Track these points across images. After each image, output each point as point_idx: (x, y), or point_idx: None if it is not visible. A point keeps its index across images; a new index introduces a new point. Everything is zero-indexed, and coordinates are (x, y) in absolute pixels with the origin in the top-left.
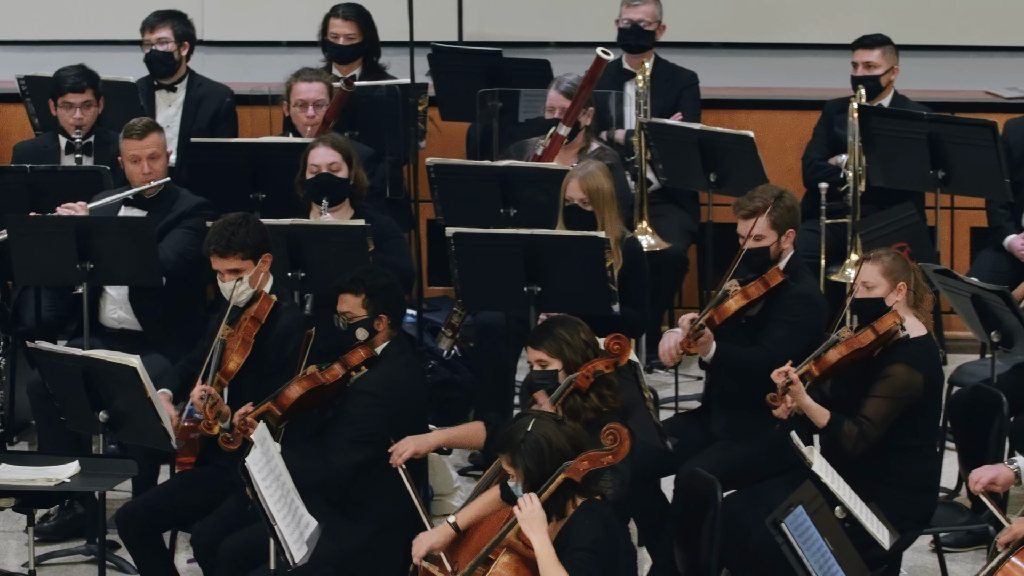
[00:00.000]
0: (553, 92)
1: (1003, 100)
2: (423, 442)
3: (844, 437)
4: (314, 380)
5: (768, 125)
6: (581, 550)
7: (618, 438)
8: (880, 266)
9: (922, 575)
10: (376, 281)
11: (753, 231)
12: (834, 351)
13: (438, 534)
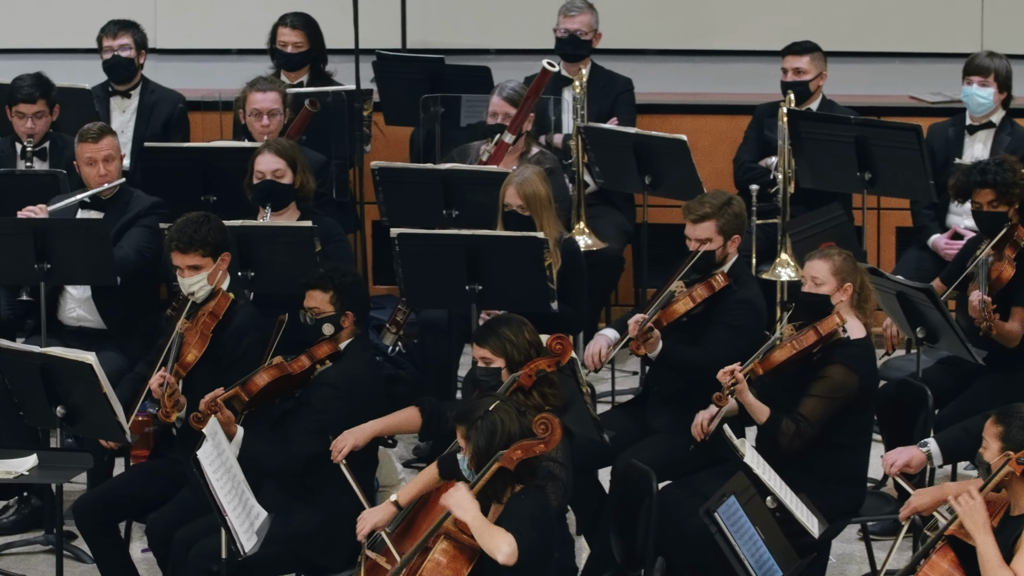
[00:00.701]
0: (495, 98)
1: (927, 104)
2: (360, 434)
3: (781, 434)
4: (281, 369)
5: (701, 129)
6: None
7: (549, 427)
8: (831, 264)
9: (850, 562)
10: (344, 279)
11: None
12: (779, 351)
13: (381, 511)
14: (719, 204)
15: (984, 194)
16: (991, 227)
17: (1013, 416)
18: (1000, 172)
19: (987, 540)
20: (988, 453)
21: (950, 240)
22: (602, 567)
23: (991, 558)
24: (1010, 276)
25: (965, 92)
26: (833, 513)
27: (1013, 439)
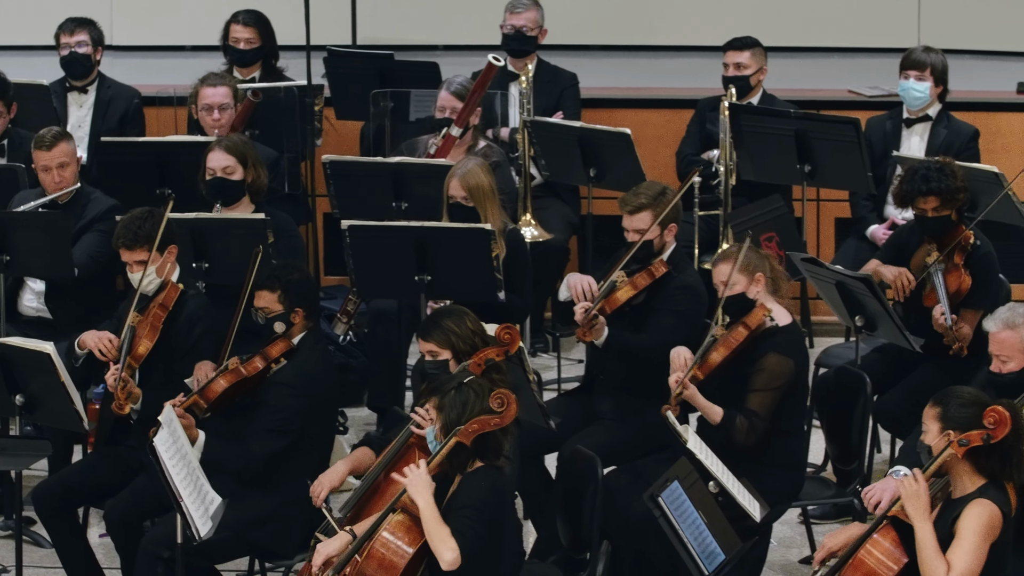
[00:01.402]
0: (444, 93)
1: (866, 98)
2: (335, 475)
3: (737, 431)
4: (237, 374)
5: (644, 123)
6: (467, 507)
7: (505, 402)
8: (733, 263)
9: (791, 545)
10: (290, 277)
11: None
12: (715, 353)
13: (337, 542)
14: (654, 194)
15: (928, 201)
16: (937, 232)
17: (950, 397)
18: (943, 179)
19: (925, 527)
20: (928, 436)
21: (888, 231)
22: (549, 551)
23: (928, 546)
24: (969, 286)
25: (902, 86)
26: (774, 497)
27: (952, 418)
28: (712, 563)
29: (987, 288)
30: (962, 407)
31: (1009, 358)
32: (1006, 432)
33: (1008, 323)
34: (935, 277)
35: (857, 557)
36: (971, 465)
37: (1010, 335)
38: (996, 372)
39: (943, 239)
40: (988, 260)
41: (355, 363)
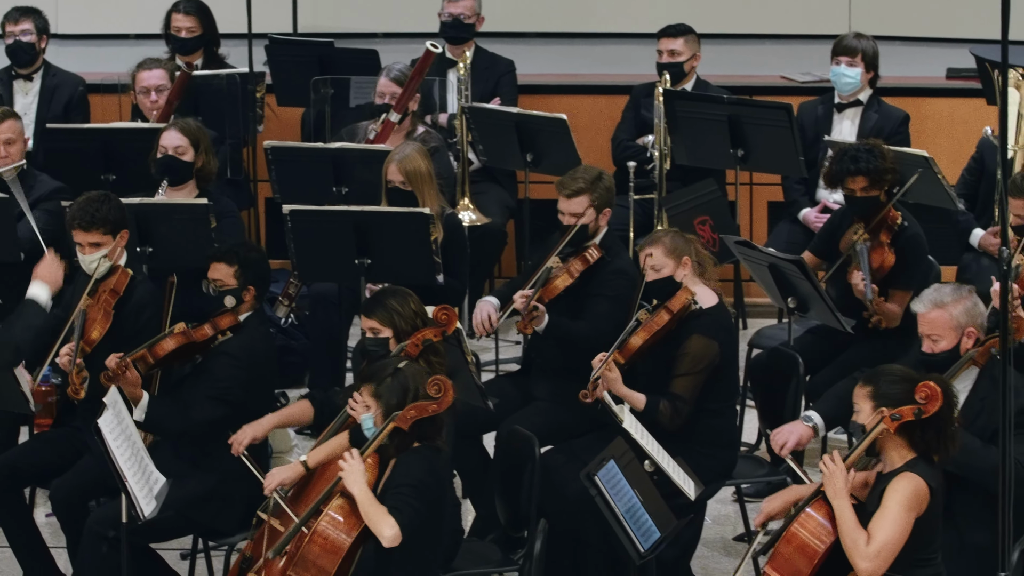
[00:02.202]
0: (383, 79)
1: (798, 84)
2: (259, 427)
3: (661, 416)
4: (187, 336)
5: (580, 108)
6: (404, 486)
7: (443, 388)
8: (661, 247)
9: (725, 523)
10: (249, 255)
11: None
12: (636, 336)
13: (290, 470)
14: (591, 179)
15: (857, 181)
16: (865, 212)
17: (879, 375)
18: (872, 159)
19: (843, 504)
20: (861, 416)
21: (819, 214)
22: (487, 529)
23: (847, 521)
24: (892, 263)
25: (833, 72)
26: (708, 476)
27: (883, 396)
28: (647, 540)
29: (915, 269)
30: (893, 384)
31: (940, 337)
32: (938, 407)
33: (936, 303)
34: (860, 254)
35: (790, 530)
36: (903, 440)
37: (939, 314)
38: (928, 352)
39: (871, 219)
40: (916, 241)
41: (296, 345)
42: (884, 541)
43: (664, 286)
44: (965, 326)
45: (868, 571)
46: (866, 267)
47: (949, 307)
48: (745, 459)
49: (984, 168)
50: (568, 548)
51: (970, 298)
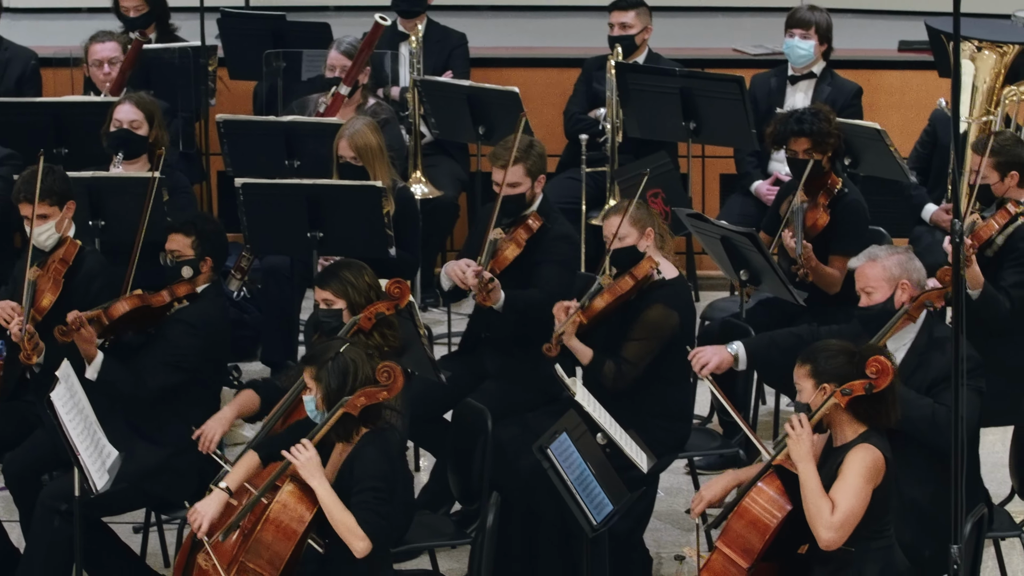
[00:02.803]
0: (334, 52)
1: (749, 56)
2: (224, 421)
3: (604, 376)
4: (143, 300)
5: (532, 82)
6: (367, 490)
7: (392, 375)
8: (627, 217)
9: (677, 495)
10: (207, 226)
11: (510, 179)
12: (599, 299)
13: (214, 503)
14: (524, 147)
15: (800, 142)
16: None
17: (816, 352)
18: (816, 122)
19: (809, 468)
20: (804, 395)
21: (771, 186)
22: (440, 502)
23: (812, 487)
24: (825, 223)
25: (787, 44)
26: (660, 448)
27: (823, 372)
28: (600, 513)
29: (852, 235)
30: (831, 359)
31: (874, 289)
32: (888, 381)
33: (870, 255)
34: (796, 214)
35: (742, 505)
36: (851, 414)
37: (872, 266)
38: (864, 307)
39: (811, 182)
40: (854, 207)
41: (248, 318)
42: (847, 511)
43: (627, 255)
44: (898, 278)
45: (830, 540)
46: (799, 224)
47: (882, 260)
48: (698, 432)
49: (937, 141)
50: (521, 522)
51: (905, 254)
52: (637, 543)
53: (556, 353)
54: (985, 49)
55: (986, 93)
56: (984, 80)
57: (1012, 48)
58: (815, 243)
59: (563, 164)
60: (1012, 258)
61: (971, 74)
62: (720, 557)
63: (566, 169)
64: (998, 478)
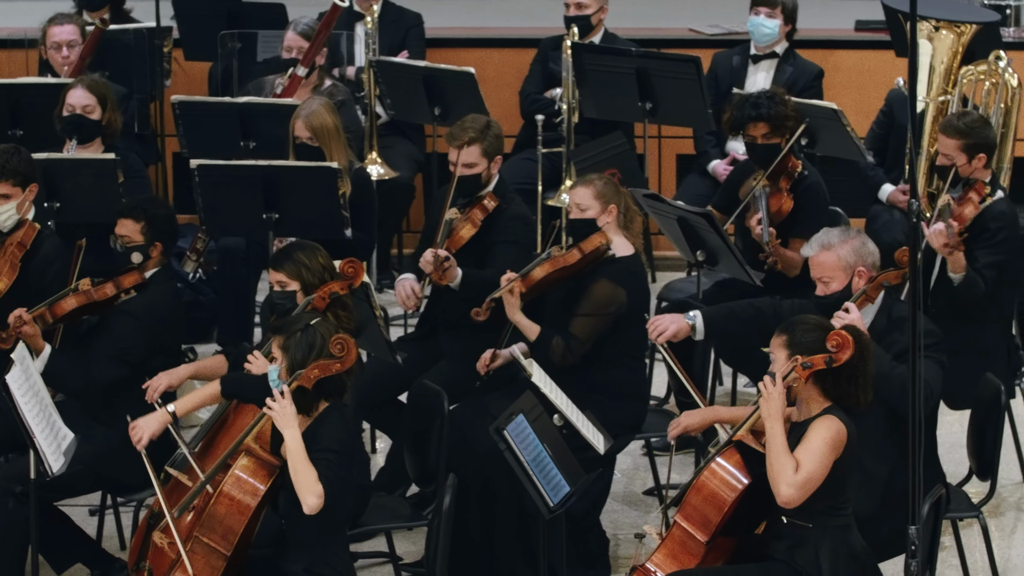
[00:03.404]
0: (290, 33)
1: (706, 36)
2: (175, 375)
3: (552, 352)
4: (88, 296)
5: (488, 62)
6: (328, 451)
7: (345, 347)
8: (592, 189)
9: (634, 476)
10: (156, 211)
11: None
12: (539, 268)
13: (155, 421)
14: (480, 128)
15: (758, 127)
16: (765, 159)
17: (795, 324)
18: (772, 106)
19: (777, 427)
20: (777, 365)
21: (728, 166)
22: (396, 484)
23: (777, 442)
24: (790, 208)
25: (752, 22)
26: (617, 429)
27: (798, 344)
28: (557, 495)
29: (814, 218)
30: (807, 332)
31: (831, 278)
32: (849, 355)
33: (824, 244)
34: (759, 199)
35: (700, 479)
36: (817, 389)
37: (827, 255)
38: (821, 295)
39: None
40: (815, 190)
41: (204, 300)
42: (810, 472)
43: (583, 227)
44: (854, 265)
45: (789, 497)
46: (764, 211)
47: (836, 248)
48: (654, 413)
49: (893, 121)
50: (477, 503)
51: (858, 238)
52: (594, 524)
53: (484, 318)
54: (943, 29)
55: (944, 73)
56: (942, 60)
57: (969, 28)
58: (778, 228)
59: (519, 145)
60: (984, 239)
61: (929, 54)
62: (679, 531)
63: (522, 150)
64: (956, 459)
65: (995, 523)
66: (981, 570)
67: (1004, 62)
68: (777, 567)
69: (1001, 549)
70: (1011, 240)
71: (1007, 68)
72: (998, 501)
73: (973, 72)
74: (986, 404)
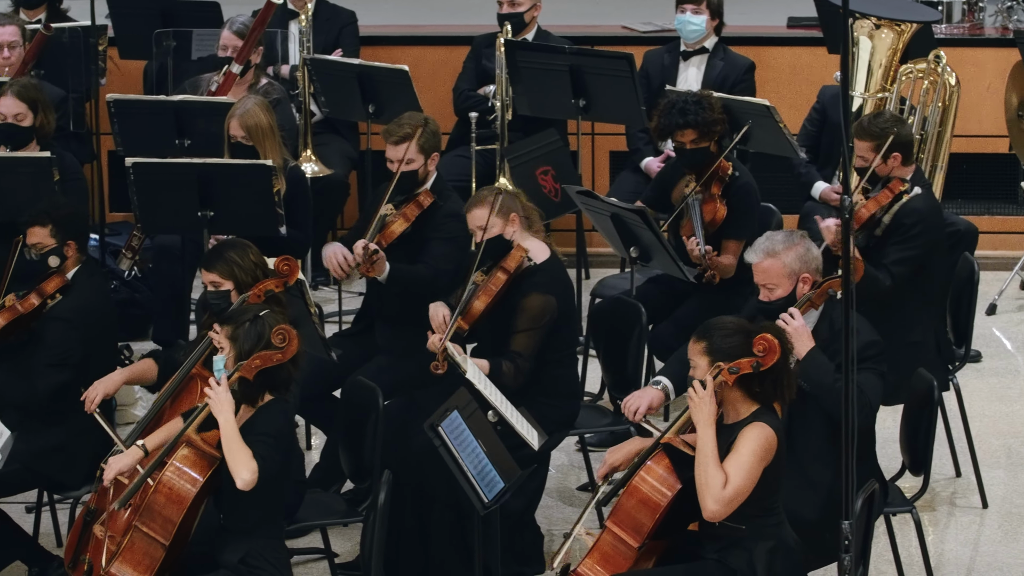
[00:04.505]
0: (225, 32)
1: (639, 34)
2: (110, 383)
3: (505, 377)
4: (14, 311)
5: (422, 60)
6: (266, 435)
7: (287, 338)
8: (487, 207)
9: (569, 472)
10: (60, 211)
11: (405, 156)
12: (477, 301)
13: (128, 457)
14: (417, 124)
15: (686, 134)
16: (696, 164)
17: (712, 330)
18: (700, 112)
19: (708, 433)
20: (698, 371)
21: (661, 163)
22: (331, 480)
23: (708, 452)
24: (724, 215)
25: (679, 20)
26: (551, 426)
27: (718, 350)
28: (492, 491)
29: (746, 219)
30: (727, 337)
31: (776, 285)
32: (775, 359)
33: (768, 251)
34: (692, 208)
35: (631, 484)
36: (742, 392)
37: (772, 262)
38: (766, 301)
39: (702, 171)
40: (746, 191)
41: (140, 297)
42: (738, 487)
43: (495, 245)
44: (799, 272)
45: (715, 512)
46: (698, 221)
47: (781, 255)
48: (588, 409)
49: (826, 118)
50: (412, 500)
51: (802, 244)
52: (529, 521)
53: (444, 370)
54: (884, 27)
55: (883, 70)
56: (881, 58)
57: (909, 26)
58: (712, 235)
59: (453, 142)
60: (897, 235)
61: (868, 51)
62: (610, 536)
63: (456, 147)
64: (889, 454)
65: (928, 517)
66: (915, 564)
67: (943, 61)
68: (709, 567)
69: (934, 543)
70: (926, 236)
71: (946, 67)
72: (931, 496)
73: (912, 71)
74: (919, 399)
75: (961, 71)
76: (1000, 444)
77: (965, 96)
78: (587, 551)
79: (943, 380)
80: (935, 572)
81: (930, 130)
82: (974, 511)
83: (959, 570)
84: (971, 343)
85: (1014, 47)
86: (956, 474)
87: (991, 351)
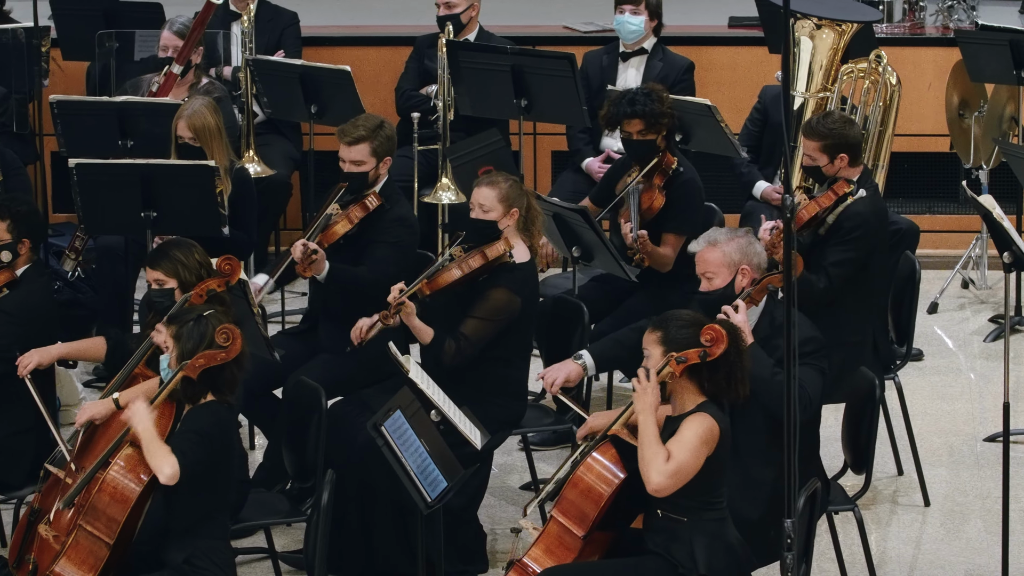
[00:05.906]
0: (166, 32)
1: (580, 34)
2: (46, 354)
3: (444, 354)
4: None
5: (364, 60)
6: (190, 431)
7: (231, 337)
8: (497, 191)
9: (512, 471)
10: (19, 208)
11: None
12: (446, 273)
13: (101, 405)
14: (372, 127)
15: (634, 124)
16: (641, 155)
17: (668, 320)
18: (648, 103)
19: (649, 420)
20: (651, 361)
21: (603, 164)
22: (274, 479)
23: (649, 433)
24: (661, 205)
25: (617, 20)
26: (495, 425)
27: (672, 340)
28: (435, 490)
29: (687, 213)
30: (681, 328)
31: (715, 275)
32: (723, 349)
33: (710, 241)
34: (632, 195)
35: (576, 475)
36: (693, 384)
37: (712, 252)
38: (704, 291)
39: (646, 163)
40: (689, 187)
41: (83, 298)
42: (681, 462)
43: (484, 227)
44: (739, 263)
45: (659, 485)
46: (635, 207)
47: (722, 245)
48: (531, 408)
49: (767, 118)
50: (356, 499)
51: (745, 238)
52: (472, 519)
53: (392, 324)
54: (825, 27)
55: (824, 70)
56: (822, 58)
57: (850, 27)
58: (650, 224)
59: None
60: (836, 237)
61: (809, 51)
62: (555, 526)
63: (398, 147)
64: (831, 452)
65: (870, 515)
66: (857, 562)
67: (884, 61)
68: (653, 560)
69: (877, 541)
70: (866, 239)
71: (887, 67)
72: (873, 494)
73: (852, 70)
74: (860, 398)
75: (902, 70)
76: (942, 442)
77: (906, 95)
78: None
79: (883, 379)
80: (877, 570)
81: (871, 129)
82: (916, 509)
83: (901, 568)
84: (912, 342)
85: (955, 46)
86: (898, 472)
87: (932, 350)
